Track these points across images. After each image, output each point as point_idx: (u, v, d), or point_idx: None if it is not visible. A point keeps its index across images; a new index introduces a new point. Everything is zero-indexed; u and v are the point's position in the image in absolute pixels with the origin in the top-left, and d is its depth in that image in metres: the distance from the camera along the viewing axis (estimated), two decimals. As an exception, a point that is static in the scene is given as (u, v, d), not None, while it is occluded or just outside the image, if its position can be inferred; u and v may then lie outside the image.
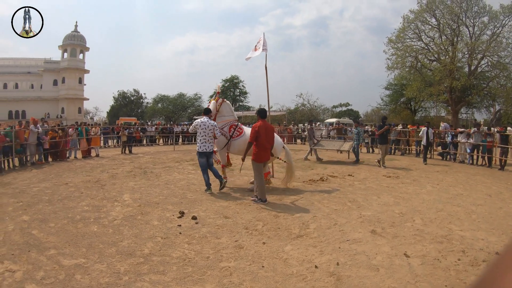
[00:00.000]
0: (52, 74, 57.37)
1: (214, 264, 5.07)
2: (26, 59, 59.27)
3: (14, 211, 7.73)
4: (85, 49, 58.71)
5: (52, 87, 57.14)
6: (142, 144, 26.93)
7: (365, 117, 67.86)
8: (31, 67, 58.01)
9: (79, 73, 57.69)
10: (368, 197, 9.21)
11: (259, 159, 8.54)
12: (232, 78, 64.86)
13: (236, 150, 10.41)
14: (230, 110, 10.82)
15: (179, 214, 7.49)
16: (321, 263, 5.05)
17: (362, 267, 4.95)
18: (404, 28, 35.26)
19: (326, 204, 8.41)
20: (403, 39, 35.63)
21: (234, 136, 10.36)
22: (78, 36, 57.58)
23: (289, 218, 7.28)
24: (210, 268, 4.94)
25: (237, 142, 10.32)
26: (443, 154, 19.57)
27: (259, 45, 11.89)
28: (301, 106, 63.16)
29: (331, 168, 14.75)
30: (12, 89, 56.49)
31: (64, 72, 56.27)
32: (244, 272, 4.82)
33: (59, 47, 57.65)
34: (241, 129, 10.53)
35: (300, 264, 5.04)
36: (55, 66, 57.44)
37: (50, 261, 5.11)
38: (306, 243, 5.87)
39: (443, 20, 33.45)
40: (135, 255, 5.35)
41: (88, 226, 6.73)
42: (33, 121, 15.54)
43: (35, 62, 58.40)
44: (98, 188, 10.15)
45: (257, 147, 8.49)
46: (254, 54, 12.04)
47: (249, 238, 6.11)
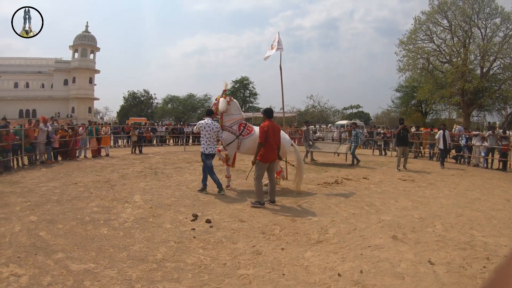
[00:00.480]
0: (62, 74, 57.48)
1: (232, 271, 4.79)
2: (37, 59, 59.48)
3: (21, 211, 7.48)
4: (95, 49, 58.81)
5: (62, 87, 57.23)
6: (152, 144, 26.76)
7: (376, 119, 67.40)
8: (42, 67, 58.21)
9: (90, 73, 57.76)
10: (386, 201, 8.93)
11: (266, 160, 8.36)
12: (242, 79, 64.76)
13: (246, 149, 10.26)
14: (238, 108, 10.61)
15: (192, 217, 7.21)
16: (344, 271, 4.80)
17: (387, 275, 4.71)
18: (415, 30, 34.93)
19: (344, 208, 8.16)
20: (414, 40, 35.30)
21: (244, 134, 10.19)
22: (88, 37, 57.70)
23: (306, 223, 7.02)
24: (227, 276, 4.65)
25: (247, 141, 10.17)
26: (457, 157, 19.16)
27: (275, 43, 11.68)
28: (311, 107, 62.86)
29: (345, 171, 14.47)
30: (23, 88, 56.66)
31: (75, 72, 56.36)
32: (264, 280, 4.54)
33: (70, 47, 57.80)
34: (251, 128, 10.36)
35: (322, 272, 4.78)
36: (65, 66, 57.54)
37: (57, 266, 4.83)
38: (327, 249, 5.61)
39: (455, 21, 33.10)
40: (147, 261, 5.06)
41: (97, 228, 6.46)
42: (43, 120, 15.35)
43: (46, 62, 58.60)
44: (108, 188, 9.90)
45: (265, 148, 8.30)
46: (270, 52, 11.91)
47: (267, 244, 5.83)
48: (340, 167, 15.54)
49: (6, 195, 8.94)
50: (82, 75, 56.46)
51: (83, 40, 57.08)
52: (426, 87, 35.05)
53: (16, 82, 56.72)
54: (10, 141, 13.24)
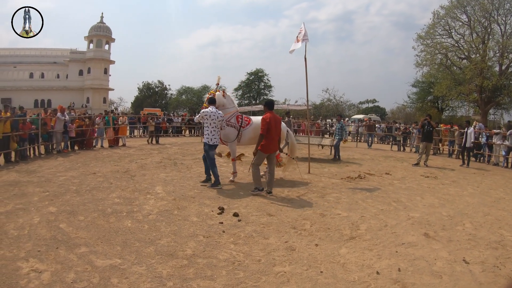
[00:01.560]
0: (77, 64, 57.61)
1: (268, 268, 4.49)
2: (52, 50, 59.69)
3: (40, 202, 7.20)
4: (110, 40, 58.81)
5: (77, 77, 57.33)
6: (168, 134, 26.54)
7: (391, 114, 66.64)
8: (57, 57, 58.43)
9: (105, 64, 57.83)
10: (412, 198, 8.65)
11: (266, 150, 8.38)
12: (257, 72, 64.51)
13: (247, 140, 10.12)
14: (232, 101, 10.40)
15: (218, 210, 6.91)
16: (382, 269, 4.57)
17: (425, 273, 4.52)
18: (434, 24, 34.21)
19: (371, 204, 7.88)
20: (432, 35, 34.59)
21: (244, 125, 10.03)
22: (103, 27, 57.65)
23: (336, 218, 6.75)
24: (264, 273, 4.36)
25: (247, 132, 10.04)
26: (477, 155, 18.52)
27: (301, 35, 11.34)
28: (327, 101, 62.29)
29: (367, 165, 14.16)
30: (38, 78, 56.92)
31: (90, 62, 56.46)
32: (302, 278, 4.28)
33: (85, 38, 57.89)
34: (248, 119, 10.28)
35: (360, 270, 4.54)
36: (80, 57, 57.67)
37: (81, 261, 4.50)
38: (361, 245, 5.37)
39: (474, 17, 32.35)
40: (177, 256, 4.74)
41: (121, 220, 6.15)
42: (60, 109, 15.19)
43: (61, 53, 58.79)
44: (128, 179, 9.64)
45: (267, 139, 8.29)
46: (297, 46, 11.54)
47: (299, 239, 5.55)
48: (360, 162, 15.18)
49: (24, 185, 8.69)
50: (97, 65, 56.56)
51: (98, 31, 57.07)
52: (444, 83, 34.31)
53: (32, 72, 56.98)
54: (27, 130, 13.02)
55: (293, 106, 43.80)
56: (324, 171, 12.09)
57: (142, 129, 26.42)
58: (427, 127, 14.82)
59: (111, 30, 58.64)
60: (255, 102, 59.28)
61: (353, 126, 30.56)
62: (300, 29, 11.53)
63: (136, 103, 65.91)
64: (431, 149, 15.51)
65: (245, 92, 65.03)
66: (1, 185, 8.64)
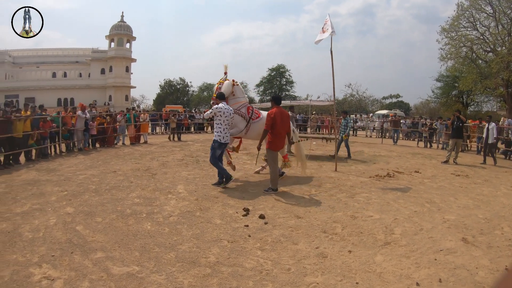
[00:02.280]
0: (99, 63, 57.87)
1: (298, 279, 4.12)
2: (74, 49, 60.25)
3: (57, 202, 6.97)
4: (131, 39, 58.84)
5: (99, 76, 57.61)
6: (190, 131, 26.41)
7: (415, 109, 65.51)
8: (79, 56, 58.84)
9: (126, 62, 57.89)
10: (445, 198, 8.13)
11: (275, 147, 8.23)
12: (279, 67, 64.26)
13: (255, 134, 9.70)
14: (242, 91, 10.04)
15: (243, 211, 6.56)
16: (422, 279, 4.18)
17: (467, 284, 4.13)
18: (458, 16, 33.19)
19: (403, 205, 7.42)
20: (457, 28, 33.55)
21: (254, 118, 9.64)
22: (124, 26, 57.71)
23: (368, 220, 6.34)
24: (294, 284, 4.00)
25: (256, 125, 9.65)
26: (506, 152, 17.73)
27: (326, 26, 10.91)
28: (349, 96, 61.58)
29: (394, 163, 13.62)
30: (61, 78, 57.38)
31: (112, 61, 56.62)
32: None
33: (106, 37, 58.05)
34: (258, 112, 9.93)
35: (398, 281, 4.16)
36: (102, 56, 57.89)
37: (96, 268, 4.19)
38: (397, 252, 4.97)
39: (499, 8, 31.12)
40: (199, 264, 4.40)
41: (140, 222, 5.83)
42: (81, 107, 15.06)
43: (83, 52, 59.19)
44: (149, 177, 9.36)
45: (273, 135, 8.14)
46: (322, 36, 11.07)
47: (331, 245, 5.15)
48: (388, 159, 14.66)
49: (42, 184, 8.50)
50: (119, 64, 56.69)
51: (119, 30, 57.19)
52: (469, 77, 33.28)
53: (54, 72, 57.46)
54: (48, 128, 12.88)
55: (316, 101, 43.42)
56: (351, 169, 11.65)
57: (163, 126, 26.37)
58: (457, 123, 14.21)
59: (132, 29, 58.77)
60: (277, 98, 59.00)
61: (378, 122, 29.90)
62: (325, 20, 11.13)
63: (158, 100, 66.15)
64: (460, 146, 14.83)
65: (267, 88, 64.80)
66: (20, 184, 8.48)
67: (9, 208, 6.55)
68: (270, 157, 8.23)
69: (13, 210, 6.43)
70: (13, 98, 49.32)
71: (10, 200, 7.09)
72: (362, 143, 20.22)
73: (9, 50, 56.75)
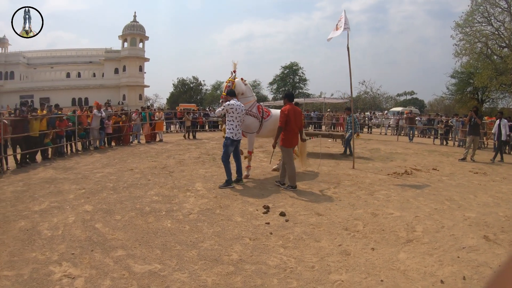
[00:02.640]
0: (113, 63, 58.38)
1: (323, 276, 4.05)
2: (87, 50, 61.08)
3: (75, 199, 6.93)
4: (144, 38, 59.22)
5: (113, 75, 58.13)
6: (205, 129, 26.36)
7: (430, 106, 64.86)
8: (93, 57, 59.59)
9: (139, 62, 58.27)
10: (465, 196, 8.01)
11: (289, 144, 8.20)
12: (292, 65, 64.16)
13: (266, 132, 9.68)
14: (250, 90, 9.77)
15: (263, 209, 6.46)
16: (446, 277, 4.13)
17: None
18: (472, 11, 32.77)
19: (423, 202, 7.32)
20: (471, 23, 33.13)
21: (265, 117, 9.55)
22: (137, 26, 58.09)
23: (389, 218, 6.25)
24: (319, 282, 3.92)
25: (268, 124, 9.55)
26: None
27: (341, 23, 10.67)
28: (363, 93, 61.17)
29: (411, 160, 13.45)
30: (75, 78, 58.16)
31: (125, 60, 57.05)
32: None
33: (119, 37, 58.52)
34: (268, 110, 9.81)
35: (422, 278, 4.10)
36: (116, 55, 58.41)
37: (117, 266, 4.12)
38: (420, 250, 4.90)
39: (514, 2, 30.57)
40: (222, 262, 4.32)
41: (160, 220, 5.76)
42: (96, 106, 15.09)
43: (96, 52, 59.87)
44: (166, 175, 9.29)
45: (286, 132, 8.13)
46: (335, 34, 10.87)
47: (354, 242, 5.08)
48: (404, 156, 14.46)
49: (60, 182, 8.49)
50: (132, 63, 57.08)
51: (132, 30, 57.57)
52: (485, 73, 32.75)
53: (68, 72, 58.30)
54: (64, 127, 12.92)
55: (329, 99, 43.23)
56: (369, 167, 11.50)
57: (178, 124, 26.41)
58: (474, 120, 13.98)
59: (145, 29, 59.11)
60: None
61: (393, 119, 29.60)
62: (340, 16, 10.90)
63: (172, 99, 66.45)
64: (478, 143, 14.56)
65: (280, 86, 64.71)
66: (38, 182, 8.47)
67: (27, 206, 6.53)
68: (285, 154, 8.17)
69: (31, 208, 6.40)
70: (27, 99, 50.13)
71: (28, 198, 7.07)
72: (377, 141, 20.02)
73: (23, 51, 57.49)
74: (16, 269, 4.03)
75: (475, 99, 44.63)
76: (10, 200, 6.89)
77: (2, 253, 4.45)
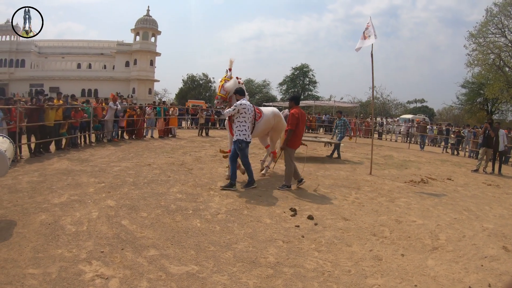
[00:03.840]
0: (124, 56, 58.33)
1: (360, 280, 4.10)
2: (99, 42, 61.01)
3: (96, 193, 6.78)
4: (156, 33, 59.15)
5: (124, 68, 58.09)
6: (216, 127, 26.19)
7: (439, 115, 64.46)
8: (104, 49, 59.58)
9: (151, 56, 58.21)
10: (481, 207, 8.07)
11: (294, 146, 8.21)
12: (302, 67, 64.09)
13: (258, 132, 9.06)
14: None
15: (290, 211, 6.36)
16: (473, 284, 4.24)
17: None
18: (486, 22, 32.68)
19: (443, 211, 7.35)
20: (485, 34, 33.13)
21: (257, 118, 8.88)
22: (150, 20, 58.03)
23: (413, 225, 6.29)
24: (358, 286, 3.98)
25: (259, 125, 8.91)
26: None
27: (368, 32, 10.61)
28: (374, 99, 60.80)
29: (425, 169, 13.33)
30: (85, 69, 58.24)
31: (136, 54, 57.00)
32: None
33: (132, 31, 58.49)
34: (259, 111, 9.10)
35: (452, 284, 4.19)
36: (127, 49, 58.35)
37: (152, 266, 3.99)
38: (446, 257, 4.99)
39: (529, 15, 30.40)
40: (259, 264, 4.23)
41: (188, 219, 5.62)
42: (112, 98, 14.96)
43: (108, 45, 59.87)
44: (186, 172, 9.15)
45: (294, 134, 8.05)
46: (364, 43, 10.75)
47: (384, 248, 5.12)
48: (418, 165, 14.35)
49: (77, 174, 8.35)
50: (143, 57, 57.04)
51: (145, 24, 57.51)
52: (496, 85, 32.70)
53: (79, 63, 58.38)
54: (79, 118, 12.86)
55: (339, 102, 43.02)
56: (385, 173, 11.41)
57: (190, 121, 26.42)
58: (488, 132, 13.87)
59: (157, 23, 59.07)
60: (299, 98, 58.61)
61: (404, 126, 29.32)
62: (367, 24, 10.77)
63: (180, 95, 66.41)
64: (490, 155, 14.38)
65: (290, 87, 64.67)
66: (54, 173, 8.33)
67: (46, 198, 6.38)
68: (288, 155, 8.12)
69: (50, 200, 6.26)
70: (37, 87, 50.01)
71: (46, 190, 6.92)
72: (389, 147, 19.90)
73: (35, 40, 57.46)
74: (42, 267, 3.86)
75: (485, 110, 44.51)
76: (27, 191, 6.74)
77: (24, 249, 4.29)
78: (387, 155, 16.76)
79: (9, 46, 55.24)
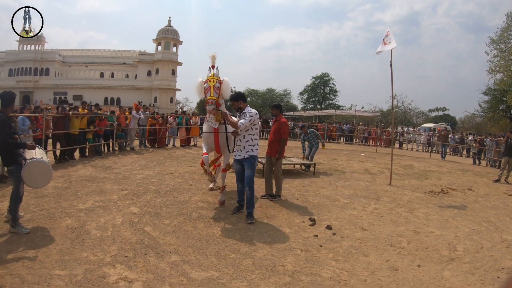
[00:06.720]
0: (146, 66, 59.20)
1: None
2: (122, 51, 62.19)
3: (120, 200, 6.99)
4: (178, 43, 59.89)
5: (146, 77, 58.94)
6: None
7: (461, 123, 63.58)
8: (127, 58, 60.68)
9: (172, 65, 58.92)
10: (501, 218, 7.89)
11: (283, 155, 8.35)
12: (322, 76, 63.84)
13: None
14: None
15: (310, 221, 6.44)
16: None
17: None
18: (507, 27, 32.16)
19: (462, 222, 7.26)
20: (506, 39, 32.55)
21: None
22: (171, 31, 58.82)
23: (430, 236, 6.27)
24: None
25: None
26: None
27: (388, 39, 10.87)
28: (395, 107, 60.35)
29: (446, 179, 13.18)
30: (108, 78, 59.34)
31: (158, 63, 57.80)
32: None
33: (154, 40, 59.35)
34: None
35: None
36: (149, 58, 59.25)
37: (174, 271, 4.12)
38: (463, 269, 4.96)
39: (551, 18, 29.90)
40: (277, 272, 4.31)
41: (209, 227, 5.76)
42: (135, 107, 15.31)
43: (130, 54, 60.96)
44: (207, 182, 9.16)
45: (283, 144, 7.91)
46: (384, 48, 10.93)
47: (400, 258, 5.13)
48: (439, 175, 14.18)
49: (101, 181, 8.58)
50: (165, 67, 57.78)
51: (166, 34, 58.32)
52: (519, 91, 32.01)
53: (102, 72, 59.62)
54: (103, 126, 13.15)
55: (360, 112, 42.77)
56: (405, 184, 11.35)
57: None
58: (510, 141, 13.66)
59: (179, 33, 59.80)
60: (320, 107, 58.36)
61: (424, 135, 29.02)
62: (387, 32, 11.09)
63: (201, 104, 66.69)
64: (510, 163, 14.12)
65: (310, 96, 64.49)
66: (79, 180, 8.58)
67: (71, 203, 6.61)
68: (279, 165, 8.16)
69: (75, 206, 6.48)
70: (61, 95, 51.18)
71: (71, 195, 7.15)
72: (410, 157, 19.72)
73: (59, 49, 58.84)
74: (68, 269, 4.04)
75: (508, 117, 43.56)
76: (53, 196, 6.98)
77: (51, 251, 4.49)
78: (407, 165, 16.60)
79: (34, 55, 56.83)
